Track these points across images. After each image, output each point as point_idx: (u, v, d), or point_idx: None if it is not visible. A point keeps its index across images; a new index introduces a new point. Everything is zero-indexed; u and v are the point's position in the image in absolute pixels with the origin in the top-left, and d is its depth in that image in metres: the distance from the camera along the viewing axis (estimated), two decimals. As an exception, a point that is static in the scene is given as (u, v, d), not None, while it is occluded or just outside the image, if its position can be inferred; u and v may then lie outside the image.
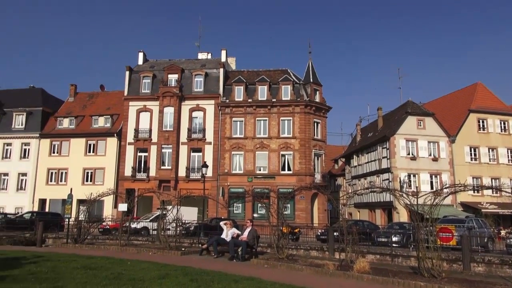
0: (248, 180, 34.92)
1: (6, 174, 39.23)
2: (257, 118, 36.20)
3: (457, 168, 35.34)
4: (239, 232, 14.02)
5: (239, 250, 12.74)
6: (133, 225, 22.67)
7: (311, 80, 37.18)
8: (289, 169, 35.05)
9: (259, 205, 33.23)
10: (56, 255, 12.04)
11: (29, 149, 39.50)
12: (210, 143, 36.27)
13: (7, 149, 39.86)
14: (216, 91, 37.46)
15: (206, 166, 29.53)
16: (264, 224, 20.20)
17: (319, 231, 24.62)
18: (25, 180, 39.01)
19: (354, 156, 44.74)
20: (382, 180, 36.35)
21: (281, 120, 35.94)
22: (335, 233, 16.07)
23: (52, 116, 40.99)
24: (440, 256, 9.45)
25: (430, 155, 35.43)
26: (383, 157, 36.62)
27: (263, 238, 16.76)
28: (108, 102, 42.01)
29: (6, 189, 38.91)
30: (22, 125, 40.13)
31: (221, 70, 38.21)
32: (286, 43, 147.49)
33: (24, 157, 39.40)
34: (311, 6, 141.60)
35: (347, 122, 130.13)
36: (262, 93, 36.73)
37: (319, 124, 36.74)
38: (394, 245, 18.19)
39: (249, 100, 36.35)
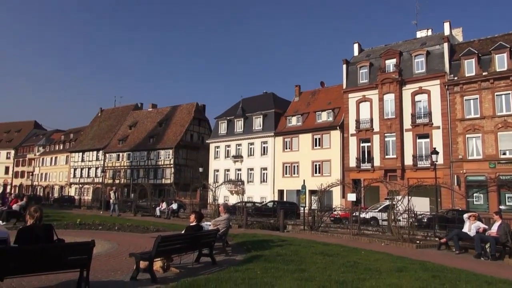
0: (490, 166, 29.98)
1: (251, 169, 46.41)
2: (496, 93, 30.68)
3: None
4: (486, 227, 12.15)
5: (486, 247, 11.07)
6: (362, 215, 22.85)
7: None
8: (547, 151, 28.26)
9: (507, 195, 28.17)
10: (296, 240, 13.29)
11: (267, 147, 45.53)
12: (438, 127, 33.00)
13: (251, 148, 47.12)
14: (441, 69, 33.74)
15: (436, 153, 26.96)
16: (518, 218, 16.97)
17: None
18: (266, 173, 45.14)
19: None
20: None
21: (531, 91, 29.33)
22: None
23: (282, 116, 45.95)
24: None
25: None
26: None
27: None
28: (329, 97, 43.92)
29: (253, 181, 46.02)
30: (260, 126, 46.62)
31: (445, 45, 34.16)
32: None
33: (264, 153, 45.64)
34: None
35: None
36: (501, 62, 30.87)
37: None
38: None
39: (484, 73, 31.17)
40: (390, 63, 36.58)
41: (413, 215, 15.14)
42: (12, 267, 4.89)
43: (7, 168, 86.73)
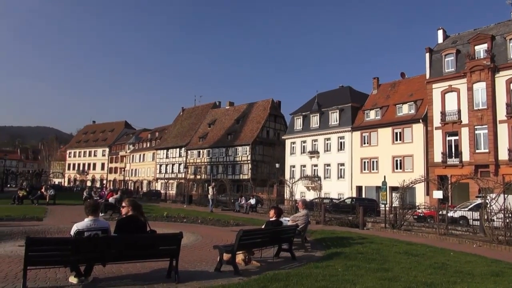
0: None
1: (328, 165, 45.71)
2: None
3: None
4: None
5: None
6: (450, 214, 21.30)
7: None
8: None
9: None
10: (377, 238, 12.83)
11: (343, 142, 44.48)
12: (540, 117, 29.57)
13: (327, 143, 46.39)
14: (543, 52, 30.12)
15: (538, 146, 24.19)
16: None
17: None
18: (343, 169, 44.15)
19: None
20: None
21: None
22: None
23: (360, 110, 44.52)
24: None
25: None
26: None
27: None
28: (410, 88, 41.60)
29: (329, 177, 45.32)
30: (336, 121, 45.67)
31: (548, 24, 30.43)
32: None
33: (341, 149, 44.66)
34: None
35: None
36: None
37: None
38: None
39: None
40: (481, 49, 33.52)
41: (510, 215, 13.77)
42: (113, 254, 5.44)
43: (103, 165, 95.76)
